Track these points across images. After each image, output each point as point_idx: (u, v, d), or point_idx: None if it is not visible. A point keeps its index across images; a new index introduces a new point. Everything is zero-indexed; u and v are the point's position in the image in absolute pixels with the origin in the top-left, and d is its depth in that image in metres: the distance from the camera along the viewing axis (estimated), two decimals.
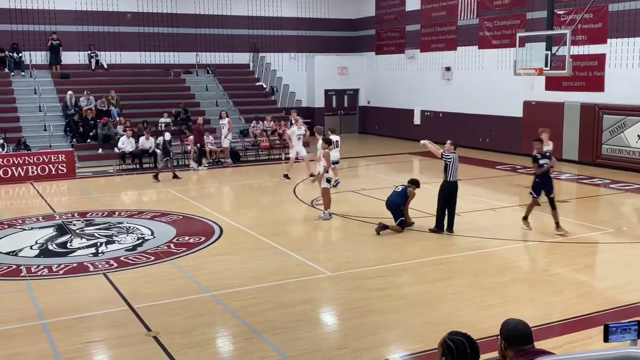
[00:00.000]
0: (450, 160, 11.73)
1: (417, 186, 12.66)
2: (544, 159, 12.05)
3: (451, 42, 25.65)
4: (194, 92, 26.44)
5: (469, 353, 3.40)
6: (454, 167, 11.77)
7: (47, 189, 17.73)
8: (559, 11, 20.06)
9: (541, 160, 11.99)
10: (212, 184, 18.91)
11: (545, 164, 11.96)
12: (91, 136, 21.96)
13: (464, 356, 3.39)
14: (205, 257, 10.83)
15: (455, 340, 3.43)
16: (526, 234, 12.13)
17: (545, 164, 11.96)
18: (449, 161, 11.72)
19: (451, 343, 3.42)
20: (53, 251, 11.27)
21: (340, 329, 7.91)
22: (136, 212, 14.23)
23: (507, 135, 22.77)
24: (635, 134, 18.61)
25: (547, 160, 12.02)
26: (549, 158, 12.09)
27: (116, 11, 26.47)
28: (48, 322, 7.97)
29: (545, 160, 12.01)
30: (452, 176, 11.83)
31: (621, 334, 3.54)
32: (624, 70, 19.30)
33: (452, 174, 11.81)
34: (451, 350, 3.40)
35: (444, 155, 11.80)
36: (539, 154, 12.10)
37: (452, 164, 11.74)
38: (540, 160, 12.00)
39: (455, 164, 11.82)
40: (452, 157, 11.76)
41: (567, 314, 8.01)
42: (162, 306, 8.47)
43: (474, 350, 3.43)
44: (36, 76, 24.48)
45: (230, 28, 28.69)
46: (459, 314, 8.08)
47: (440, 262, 10.35)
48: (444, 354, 3.43)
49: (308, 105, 30.05)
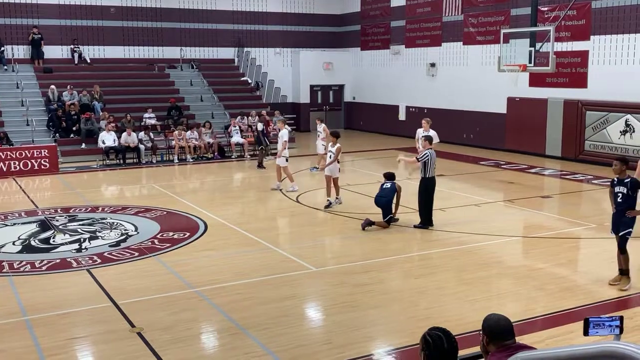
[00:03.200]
0: (428, 158, 11.83)
1: (394, 179, 12.73)
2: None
3: (436, 38, 25.73)
4: (179, 87, 26.31)
5: (446, 347, 3.49)
6: (431, 163, 11.87)
7: (29, 184, 17.58)
8: (543, 8, 20.18)
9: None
10: (197, 180, 18.86)
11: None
12: (74, 131, 21.79)
13: (441, 350, 3.48)
14: (190, 252, 10.80)
15: (433, 335, 3.54)
16: (509, 229, 12.20)
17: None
18: (427, 159, 11.84)
19: (429, 337, 3.53)
20: (36, 247, 11.18)
21: (325, 325, 7.93)
22: (120, 208, 14.15)
23: (491, 131, 22.90)
24: (618, 130, 18.79)
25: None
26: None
27: (100, 5, 26.26)
28: (31, 318, 7.91)
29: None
30: (430, 172, 11.94)
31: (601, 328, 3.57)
32: (606, 67, 19.47)
33: (430, 170, 11.92)
34: (428, 344, 3.51)
35: (419, 158, 12.02)
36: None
37: (430, 161, 11.84)
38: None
39: (433, 160, 11.92)
40: (428, 155, 11.87)
41: (550, 309, 8.08)
42: (146, 302, 8.44)
43: (451, 345, 3.52)
44: (18, 70, 24.25)
45: (215, 23, 28.56)
46: (443, 309, 8.12)
47: (424, 258, 10.40)
48: (423, 348, 3.54)
49: (293, 100, 30.03)
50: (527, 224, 12.77)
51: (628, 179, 8.74)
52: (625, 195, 8.74)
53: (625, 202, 8.75)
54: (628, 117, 18.52)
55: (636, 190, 8.72)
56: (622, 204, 8.78)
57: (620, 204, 8.79)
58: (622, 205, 8.78)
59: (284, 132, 15.81)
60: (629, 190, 8.69)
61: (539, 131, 21.06)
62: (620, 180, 8.78)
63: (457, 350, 3.55)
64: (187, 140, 21.46)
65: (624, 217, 8.73)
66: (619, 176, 8.81)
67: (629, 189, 8.68)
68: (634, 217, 8.79)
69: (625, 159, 9.03)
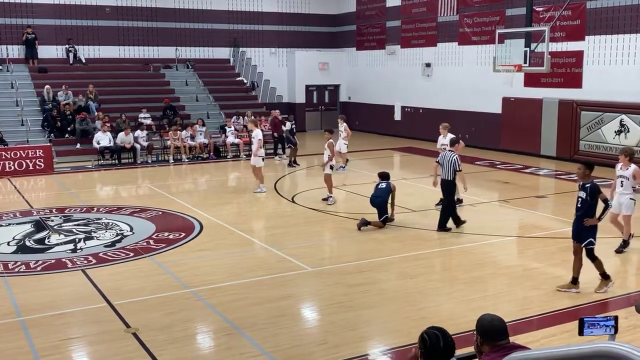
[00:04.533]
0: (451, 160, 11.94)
1: (388, 179, 12.75)
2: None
3: (431, 39, 25.76)
4: (174, 87, 26.28)
5: (442, 346, 3.55)
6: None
7: (24, 184, 17.54)
8: (537, 8, 20.22)
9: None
10: (192, 180, 18.84)
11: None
12: (69, 131, 21.74)
13: (437, 348, 3.54)
14: (186, 253, 10.78)
15: (430, 333, 3.60)
16: (504, 228, 12.22)
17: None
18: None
19: (426, 336, 3.60)
20: (31, 247, 11.15)
21: (321, 325, 7.93)
22: (115, 208, 14.12)
23: (487, 131, 22.93)
24: (612, 130, 18.84)
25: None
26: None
27: (95, 5, 26.19)
28: (26, 319, 7.89)
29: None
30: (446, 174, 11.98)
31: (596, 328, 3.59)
32: (601, 67, 19.52)
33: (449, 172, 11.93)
34: (425, 343, 3.58)
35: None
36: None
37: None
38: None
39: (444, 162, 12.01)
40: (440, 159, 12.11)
41: (545, 308, 8.10)
42: (141, 302, 8.43)
43: (448, 344, 3.57)
44: (13, 70, 24.18)
45: (211, 23, 28.53)
46: (439, 309, 8.14)
47: (420, 258, 10.40)
48: (420, 347, 3.61)
49: (289, 100, 30.02)
50: (522, 223, 12.79)
51: (589, 184, 8.38)
52: (583, 200, 8.36)
53: (582, 207, 8.38)
54: (623, 117, 18.57)
55: (595, 197, 8.32)
56: (580, 209, 8.43)
57: (579, 209, 8.44)
58: (580, 211, 8.43)
59: (257, 132, 15.86)
60: (587, 196, 8.31)
61: (534, 131, 21.10)
62: (583, 185, 8.45)
63: (454, 349, 3.59)
64: (183, 140, 21.43)
65: (583, 226, 8.39)
66: (582, 181, 8.49)
67: (588, 194, 8.30)
68: (594, 225, 8.42)
69: (591, 163, 8.62)
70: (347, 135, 19.06)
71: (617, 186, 10.53)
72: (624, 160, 10.42)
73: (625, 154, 10.45)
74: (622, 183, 10.44)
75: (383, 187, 12.46)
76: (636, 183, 10.43)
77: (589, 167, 8.51)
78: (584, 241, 8.45)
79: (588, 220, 8.36)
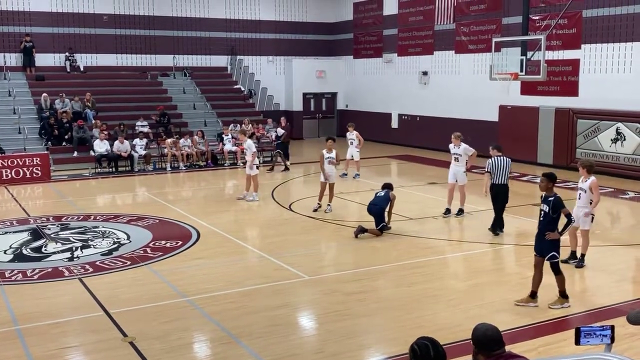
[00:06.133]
0: (490, 166, 12.12)
1: (391, 189, 12.77)
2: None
3: (428, 47, 25.84)
4: (171, 94, 26.30)
5: (432, 356, 3.57)
6: (494, 170, 12.06)
7: (21, 192, 17.52)
8: (534, 17, 20.31)
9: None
10: (189, 188, 18.83)
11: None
12: (66, 139, 21.73)
13: (427, 358, 3.57)
14: (182, 261, 10.77)
15: (420, 344, 3.63)
16: (501, 236, 12.23)
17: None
18: (489, 168, 12.11)
19: (416, 346, 3.62)
20: (27, 256, 11.13)
21: (318, 333, 7.92)
22: (112, 216, 14.11)
23: (483, 140, 22.80)
24: (609, 139, 18.90)
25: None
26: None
27: (92, 13, 26.24)
28: (22, 327, 7.87)
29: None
30: (495, 179, 12.07)
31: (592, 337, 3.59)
32: (597, 75, 19.60)
33: (495, 178, 12.05)
34: (415, 353, 3.61)
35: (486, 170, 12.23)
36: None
37: (492, 168, 12.09)
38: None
39: (494, 167, 12.10)
40: (490, 163, 12.17)
41: (542, 317, 8.10)
42: (138, 311, 8.42)
43: (437, 353, 3.60)
44: (10, 78, 24.18)
45: (208, 31, 28.59)
46: (436, 317, 8.14)
47: (417, 266, 10.40)
48: (411, 357, 3.64)
49: (286, 108, 30.03)
50: (519, 231, 12.80)
51: (552, 197, 8.15)
52: (545, 214, 8.16)
53: (544, 220, 8.19)
54: (619, 125, 18.63)
55: (557, 211, 8.09)
56: (541, 222, 8.24)
57: (541, 222, 8.25)
58: (541, 224, 8.24)
59: (249, 142, 15.93)
60: (550, 210, 8.10)
61: (530, 139, 21.15)
62: (546, 197, 8.23)
63: (445, 359, 3.60)
64: (180, 148, 21.43)
65: (546, 239, 8.19)
66: (545, 193, 8.27)
67: (551, 207, 8.09)
68: (557, 240, 8.20)
69: (553, 175, 8.34)
70: (359, 143, 19.05)
71: (576, 198, 10.25)
72: (583, 172, 10.10)
73: (583, 166, 10.16)
74: (580, 195, 10.15)
75: (381, 196, 12.47)
76: (592, 197, 9.99)
77: (551, 179, 8.26)
78: (547, 255, 8.23)
79: (549, 234, 8.14)
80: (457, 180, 13.79)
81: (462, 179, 13.76)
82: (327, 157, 14.21)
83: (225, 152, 22.11)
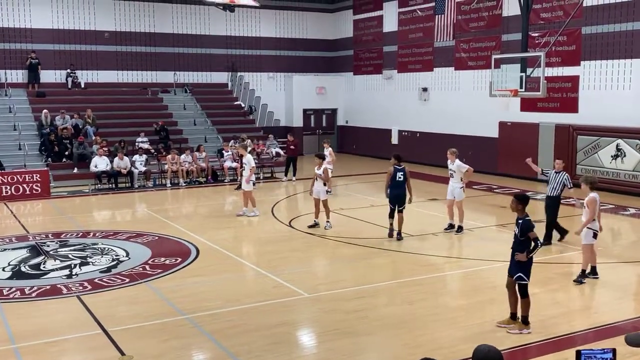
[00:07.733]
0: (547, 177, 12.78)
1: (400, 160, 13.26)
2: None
3: (428, 63, 25.93)
4: (172, 111, 26.35)
5: None
6: (551, 182, 12.62)
7: (21, 209, 17.48)
8: (533, 34, 20.39)
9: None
10: (189, 204, 18.79)
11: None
12: (67, 155, 21.74)
13: None
14: (182, 278, 10.71)
15: None
16: (502, 253, 12.16)
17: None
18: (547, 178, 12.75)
19: None
20: (26, 273, 11.07)
21: (318, 352, 7.85)
22: (111, 233, 14.07)
23: (483, 156, 22.96)
24: (609, 155, 18.89)
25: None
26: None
27: (94, 30, 26.37)
28: (19, 346, 7.81)
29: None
30: (549, 191, 12.65)
31: None
32: (597, 92, 19.64)
33: (549, 190, 12.64)
34: None
35: (545, 172, 13.06)
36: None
37: (549, 180, 12.69)
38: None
39: (551, 179, 12.69)
40: (549, 173, 12.79)
41: (544, 335, 8.03)
42: (136, 329, 8.35)
43: None
44: (11, 95, 24.24)
45: (209, 47, 28.72)
46: (437, 335, 8.07)
47: (417, 283, 10.34)
48: None
49: (287, 124, 30.09)
50: None
51: (521, 220, 7.97)
52: (515, 235, 8.03)
53: (515, 242, 8.04)
54: (619, 141, 18.63)
55: (524, 234, 7.88)
56: (514, 243, 8.07)
57: (513, 244, 8.09)
58: (513, 244, 8.09)
59: (249, 158, 15.99)
60: (518, 232, 7.94)
61: (530, 155, 20.83)
62: (517, 219, 8.06)
63: None
64: (181, 164, 21.41)
65: (515, 260, 8.04)
66: (517, 215, 8.09)
67: (519, 230, 7.92)
68: (529, 261, 8.00)
69: (524, 197, 8.17)
70: (331, 159, 19.06)
71: (583, 215, 10.33)
72: (585, 189, 10.16)
73: (585, 182, 10.23)
74: (584, 212, 10.20)
75: (401, 180, 13.12)
76: (589, 212, 10.00)
77: (521, 201, 8.07)
78: (514, 275, 8.09)
79: (518, 254, 7.97)
80: (455, 197, 13.75)
81: (459, 195, 13.72)
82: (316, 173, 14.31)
83: (225, 168, 22.10)
